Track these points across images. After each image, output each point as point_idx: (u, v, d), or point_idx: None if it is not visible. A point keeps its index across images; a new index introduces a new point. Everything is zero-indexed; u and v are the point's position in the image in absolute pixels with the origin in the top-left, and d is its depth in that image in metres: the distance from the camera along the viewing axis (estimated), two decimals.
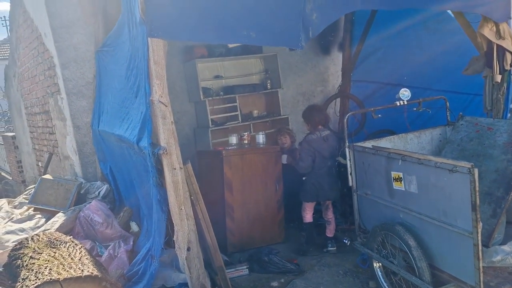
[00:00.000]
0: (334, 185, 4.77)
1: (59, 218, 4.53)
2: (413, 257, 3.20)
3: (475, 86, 4.97)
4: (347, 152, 4.00)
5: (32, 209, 4.95)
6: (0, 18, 33.81)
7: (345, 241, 4.79)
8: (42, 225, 4.57)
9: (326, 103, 6.70)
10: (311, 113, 4.78)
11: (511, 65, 4.38)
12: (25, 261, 3.09)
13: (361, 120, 6.24)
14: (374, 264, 3.76)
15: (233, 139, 5.19)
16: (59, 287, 2.66)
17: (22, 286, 2.74)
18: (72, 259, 3.04)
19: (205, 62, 6.37)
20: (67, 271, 2.79)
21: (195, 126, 6.54)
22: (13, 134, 9.85)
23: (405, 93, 4.17)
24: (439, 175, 3.01)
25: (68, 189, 4.95)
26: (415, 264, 3.19)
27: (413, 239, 3.25)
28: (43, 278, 2.68)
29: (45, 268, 2.83)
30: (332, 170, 4.74)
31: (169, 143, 3.27)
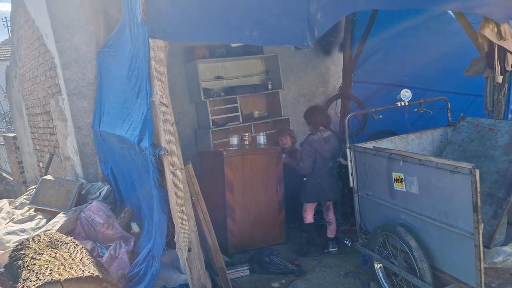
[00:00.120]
0: (334, 186, 4.77)
1: (60, 219, 4.53)
2: (414, 258, 3.19)
3: (476, 87, 4.96)
4: (348, 153, 3.99)
5: (33, 209, 4.95)
6: (1, 18, 33.98)
7: (346, 242, 4.78)
8: (43, 225, 4.57)
9: (327, 104, 6.69)
10: (313, 114, 4.78)
11: None
12: (26, 261, 3.09)
13: (362, 121, 6.24)
14: (375, 265, 3.76)
15: (234, 140, 5.19)
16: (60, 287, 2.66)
17: (23, 287, 2.75)
18: (73, 259, 3.04)
19: (206, 63, 6.38)
20: (68, 271, 2.79)
21: (196, 127, 6.54)
22: (14, 134, 9.87)
23: (406, 94, 4.17)
24: (440, 176, 3.00)
25: (69, 190, 4.95)
26: (416, 265, 3.18)
27: (414, 240, 3.24)
28: (44, 279, 2.68)
29: (46, 269, 2.84)
30: (333, 171, 4.74)
31: (170, 144, 3.27)
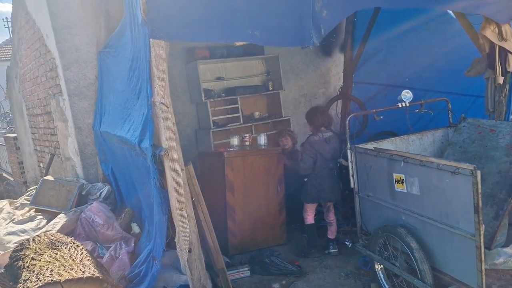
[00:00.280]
0: (334, 186, 4.76)
1: (60, 219, 4.53)
2: (415, 259, 3.19)
3: (477, 87, 4.96)
4: (349, 154, 3.99)
5: (33, 210, 4.95)
6: (2, 19, 34.02)
7: (346, 243, 4.78)
8: (43, 226, 4.57)
9: (328, 104, 6.68)
10: (315, 114, 4.77)
11: None
12: (26, 262, 3.09)
13: (363, 122, 6.24)
14: (376, 266, 3.75)
15: (234, 141, 5.19)
16: None
17: (23, 287, 2.74)
18: (73, 260, 3.04)
19: (206, 64, 6.38)
20: (68, 272, 2.79)
21: (196, 128, 6.54)
22: (15, 135, 9.87)
23: (407, 94, 4.16)
24: (441, 177, 3.00)
25: (70, 190, 4.95)
26: (417, 266, 3.17)
27: (415, 241, 3.23)
28: (44, 280, 2.68)
29: (46, 270, 2.83)
30: (334, 172, 4.74)
31: (170, 145, 3.27)
